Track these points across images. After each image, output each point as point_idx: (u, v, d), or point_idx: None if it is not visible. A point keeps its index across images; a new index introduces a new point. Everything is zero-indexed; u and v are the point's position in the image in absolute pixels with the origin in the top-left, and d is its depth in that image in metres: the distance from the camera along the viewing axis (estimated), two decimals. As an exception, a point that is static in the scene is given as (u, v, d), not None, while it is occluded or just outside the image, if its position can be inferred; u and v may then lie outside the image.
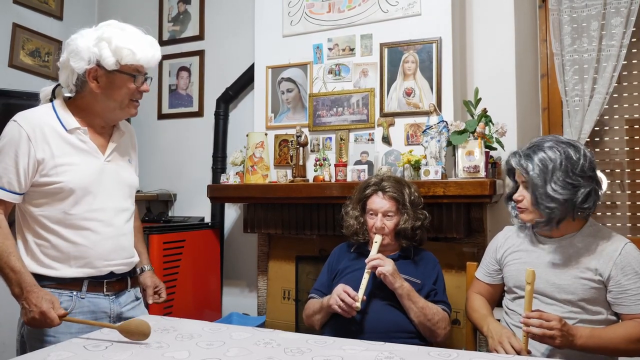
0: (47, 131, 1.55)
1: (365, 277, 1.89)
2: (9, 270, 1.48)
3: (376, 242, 1.99)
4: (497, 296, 1.93)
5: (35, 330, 1.54)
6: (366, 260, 1.92)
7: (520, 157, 1.68)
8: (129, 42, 1.56)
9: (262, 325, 2.94)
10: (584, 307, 1.64)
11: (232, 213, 3.41)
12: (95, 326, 1.53)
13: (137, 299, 1.78)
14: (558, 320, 1.50)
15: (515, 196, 1.74)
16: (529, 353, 1.57)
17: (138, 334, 1.41)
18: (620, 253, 1.62)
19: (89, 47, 1.54)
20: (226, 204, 3.38)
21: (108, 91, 1.59)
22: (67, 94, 1.67)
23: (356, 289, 1.88)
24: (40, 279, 1.53)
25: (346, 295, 1.83)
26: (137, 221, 1.92)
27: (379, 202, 2.06)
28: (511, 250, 1.83)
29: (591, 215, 1.70)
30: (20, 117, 1.56)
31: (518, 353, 1.56)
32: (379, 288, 1.95)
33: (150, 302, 1.86)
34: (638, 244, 1.69)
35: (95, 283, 1.61)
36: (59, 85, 1.67)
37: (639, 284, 1.59)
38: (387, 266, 1.88)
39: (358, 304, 1.83)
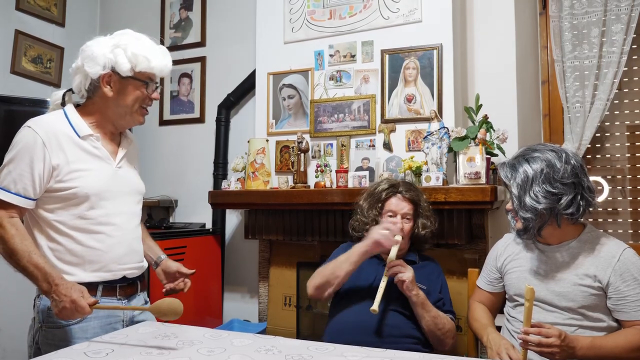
0: (61, 137, 1.57)
1: (384, 282, 1.85)
2: (32, 268, 1.48)
3: (395, 245, 1.92)
4: (498, 304, 1.93)
5: (52, 336, 1.54)
6: (387, 265, 1.88)
7: (507, 168, 1.70)
8: (144, 50, 1.61)
9: (263, 331, 2.93)
10: (584, 314, 1.63)
11: (233, 219, 3.42)
12: (112, 316, 1.60)
13: (146, 302, 1.79)
14: (557, 336, 1.48)
15: (507, 205, 1.76)
16: None
17: (170, 314, 1.45)
18: (618, 259, 1.61)
19: (104, 53, 1.58)
20: (227, 210, 3.38)
21: (120, 96, 1.62)
22: (77, 101, 1.69)
23: (369, 285, 1.87)
24: None
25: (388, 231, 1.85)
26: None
27: (398, 203, 2.05)
28: (511, 258, 1.82)
29: (581, 219, 1.69)
30: (34, 123, 1.57)
31: None
32: (386, 292, 1.93)
33: (190, 272, 1.81)
34: (639, 250, 1.68)
35: (109, 287, 1.62)
36: (69, 90, 1.70)
37: (638, 289, 1.58)
38: (407, 273, 1.85)
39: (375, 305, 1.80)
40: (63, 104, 1.69)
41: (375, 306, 1.79)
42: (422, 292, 1.93)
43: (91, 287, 1.57)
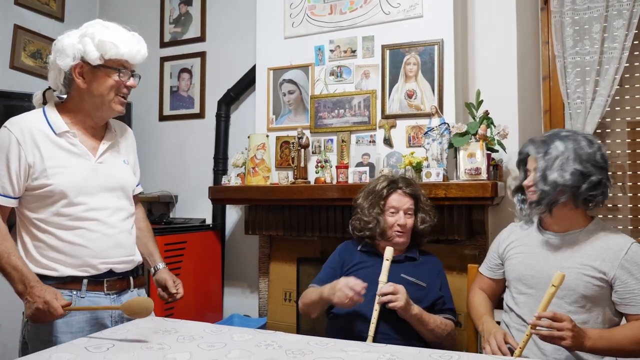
0: (37, 135, 1.58)
1: (376, 311, 1.83)
2: (10, 269, 1.51)
3: (387, 259, 1.89)
4: (498, 291, 1.93)
5: (37, 331, 1.55)
6: (377, 293, 1.84)
7: (536, 143, 1.71)
8: (112, 37, 1.58)
9: (264, 326, 2.94)
10: (584, 305, 1.63)
11: (233, 214, 3.41)
12: (98, 310, 1.61)
13: None
14: (569, 321, 1.48)
15: (527, 182, 1.73)
16: (513, 353, 1.55)
17: (141, 312, 1.44)
18: (626, 252, 1.60)
19: (73, 44, 1.58)
20: (227, 206, 3.38)
21: (93, 86, 1.61)
22: (58, 97, 1.70)
23: (369, 280, 1.86)
24: (42, 278, 1.55)
25: (351, 292, 1.80)
26: (146, 222, 1.95)
27: (400, 199, 2.05)
28: (515, 245, 1.82)
29: (597, 210, 1.71)
30: (10, 122, 1.59)
31: (500, 349, 1.58)
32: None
33: (174, 291, 1.84)
34: None
35: (95, 282, 1.62)
36: (49, 88, 1.70)
37: None
38: (399, 301, 1.81)
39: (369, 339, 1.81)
40: (45, 102, 1.69)
41: (369, 340, 1.79)
42: (418, 288, 1.94)
43: (76, 281, 1.60)
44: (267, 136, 2.92)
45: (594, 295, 1.61)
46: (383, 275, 1.87)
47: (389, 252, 1.90)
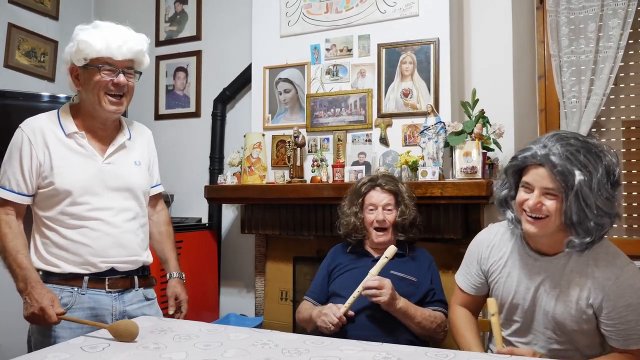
0: (48, 135, 1.63)
1: (353, 298, 1.85)
2: (16, 266, 1.57)
3: (386, 257, 1.87)
4: (481, 305, 1.80)
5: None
6: (362, 284, 1.84)
7: (563, 159, 1.38)
8: (90, 36, 1.60)
9: (260, 326, 2.93)
10: (575, 339, 1.52)
11: (229, 214, 3.41)
12: (99, 307, 1.64)
13: (148, 299, 1.79)
14: (530, 355, 1.39)
15: (531, 203, 1.44)
16: None
17: (126, 336, 1.42)
18: (614, 282, 1.44)
19: (68, 49, 1.65)
20: (223, 205, 3.38)
21: (85, 87, 1.65)
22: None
23: (353, 287, 1.87)
24: (47, 274, 1.62)
25: (333, 317, 1.82)
26: (166, 226, 1.98)
27: (377, 196, 2.07)
28: (499, 266, 1.63)
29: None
30: (24, 123, 1.66)
31: None
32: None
33: (170, 312, 1.87)
34: (634, 245, 1.63)
35: (96, 280, 1.65)
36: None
37: (630, 317, 1.43)
38: (383, 297, 1.80)
39: (341, 311, 1.82)
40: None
41: (342, 309, 1.82)
42: (408, 283, 1.95)
43: (77, 278, 1.63)
44: (263, 135, 2.91)
45: (581, 329, 1.50)
46: (375, 269, 1.87)
47: (390, 251, 1.89)
